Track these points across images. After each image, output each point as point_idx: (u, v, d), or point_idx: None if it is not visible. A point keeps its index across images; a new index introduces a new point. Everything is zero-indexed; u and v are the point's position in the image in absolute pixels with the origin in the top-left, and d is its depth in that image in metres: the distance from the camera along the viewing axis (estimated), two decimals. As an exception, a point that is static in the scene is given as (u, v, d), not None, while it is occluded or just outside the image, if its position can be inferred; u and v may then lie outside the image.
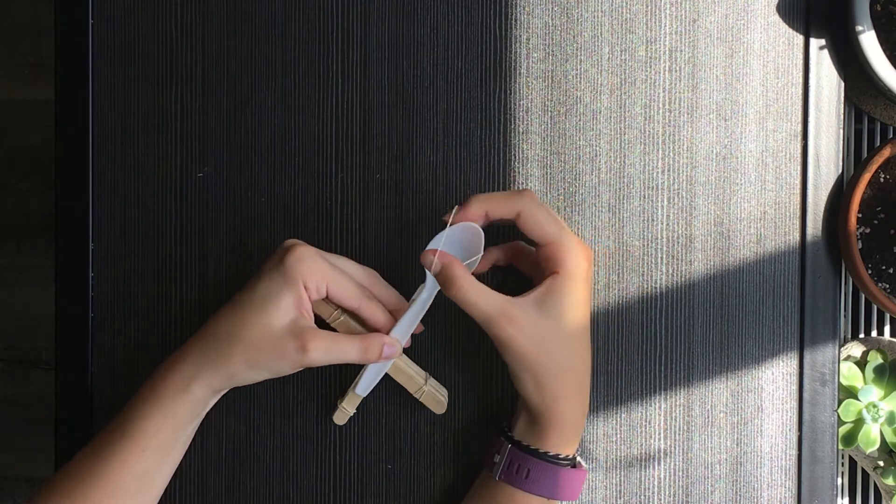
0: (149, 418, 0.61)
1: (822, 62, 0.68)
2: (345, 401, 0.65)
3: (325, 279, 0.61)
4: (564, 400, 0.61)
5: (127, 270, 0.69)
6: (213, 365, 0.61)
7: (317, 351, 0.60)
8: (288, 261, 0.60)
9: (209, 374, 0.61)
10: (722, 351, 0.68)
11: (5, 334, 1.56)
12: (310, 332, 0.60)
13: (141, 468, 0.61)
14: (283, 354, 0.60)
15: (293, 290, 0.60)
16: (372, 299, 0.63)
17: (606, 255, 0.68)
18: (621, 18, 0.68)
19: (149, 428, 0.61)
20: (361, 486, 0.69)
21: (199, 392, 0.61)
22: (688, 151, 0.68)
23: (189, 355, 0.61)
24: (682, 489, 0.68)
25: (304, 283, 0.60)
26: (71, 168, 0.69)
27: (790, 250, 0.68)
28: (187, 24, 0.69)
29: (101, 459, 0.61)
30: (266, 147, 0.69)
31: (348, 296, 0.62)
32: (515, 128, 0.68)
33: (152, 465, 0.62)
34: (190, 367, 0.61)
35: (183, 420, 0.62)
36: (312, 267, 0.60)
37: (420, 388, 0.65)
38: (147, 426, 0.61)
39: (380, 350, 0.62)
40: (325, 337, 0.60)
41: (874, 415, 0.68)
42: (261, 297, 0.60)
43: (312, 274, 0.60)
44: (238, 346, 0.60)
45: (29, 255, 1.56)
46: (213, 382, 0.61)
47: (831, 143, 0.68)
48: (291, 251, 0.61)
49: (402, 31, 0.68)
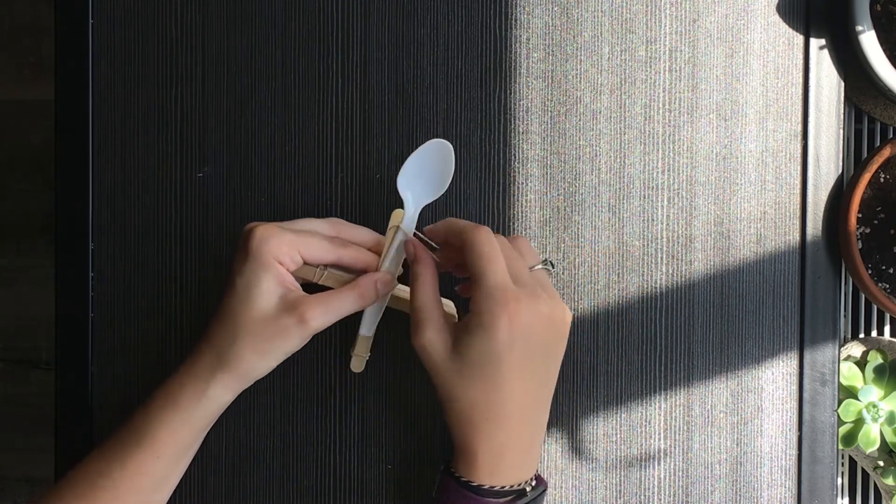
0: (166, 426, 0.61)
1: (822, 62, 0.68)
2: (356, 346, 0.65)
3: (294, 248, 0.61)
4: (473, 434, 0.59)
5: (127, 270, 0.69)
6: (228, 367, 0.61)
7: (315, 318, 0.60)
8: (253, 245, 0.60)
9: (226, 377, 0.61)
10: (722, 351, 0.68)
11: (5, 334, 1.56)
12: (303, 303, 0.60)
13: (156, 473, 0.61)
14: (287, 333, 0.60)
15: (269, 271, 0.60)
16: (348, 246, 0.63)
17: (606, 255, 0.68)
18: (621, 18, 0.68)
19: (165, 436, 0.61)
20: (361, 486, 0.69)
21: (218, 396, 0.62)
22: (688, 151, 0.68)
23: (202, 360, 0.61)
24: (682, 489, 0.68)
25: (278, 259, 0.60)
26: (71, 168, 0.69)
27: (790, 250, 0.68)
28: (187, 24, 0.69)
29: (114, 465, 0.61)
30: (266, 147, 0.69)
31: (323, 253, 0.62)
32: (515, 128, 0.68)
33: (167, 470, 0.62)
34: (205, 371, 0.61)
35: (200, 425, 0.62)
36: (278, 242, 0.60)
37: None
38: (163, 434, 0.61)
39: (374, 290, 0.62)
40: (319, 301, 0.60)
41: (874, 415, 0.68)
42: (244, 290, 0.60)
43: (281, 248, 0.60)
44: (243, 342, 0.60)
45: (29, 255, 1.56)
46: (231, 384, 0.61)
47: (831, 143, 0.68)
48: (252, 235, 0.60)
49: (402, 31, 0.68)
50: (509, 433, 0.59)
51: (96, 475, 0.61)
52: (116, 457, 0.61)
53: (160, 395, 0.62)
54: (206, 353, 0.61)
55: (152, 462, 0.61)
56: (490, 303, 0.57)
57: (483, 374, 0.58)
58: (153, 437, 0.61)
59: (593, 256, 0.68)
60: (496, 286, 0.57)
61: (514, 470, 0.60)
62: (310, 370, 0.68)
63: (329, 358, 0.68)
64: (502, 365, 0.57)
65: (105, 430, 0.69)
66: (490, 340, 0.57)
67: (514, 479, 0.60)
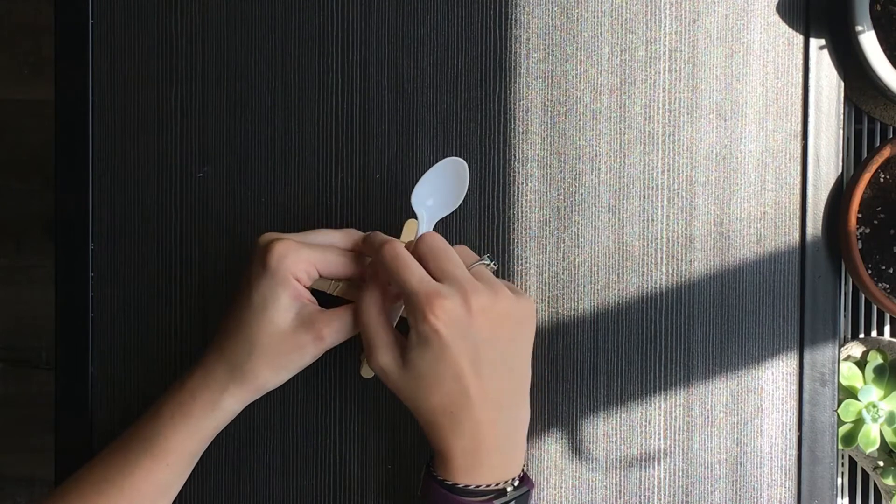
0: (175, 435, 0.61)
1: (822, 62, 0.68)
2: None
3: (311, 265, 0.61)
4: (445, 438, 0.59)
5: (127, 270, 0.69)
6: (242, 380, 0.61)
7: (332, 334, 0.60)
8: (271, 262, 0.60)
9: (238, 390, 0.61)
10: (722, 351, 0.68)
11: (5, 334, 1.56)
12: (320, 319, 0.60)
13: (162, 481, 0.62)
14: (303, 349, 0.60)
15: (287, 288, 0.60)
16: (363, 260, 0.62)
17: (606, 255, 0.68)
18: (621, 18, 0.68)
19: (175, 445, 0.61)
20: (361, 486, 0.69)
21: (230, 407, 0.62)
22: (688, 151, 0.68)
23: (215, 373, 0.61)
24: (682, 489, 0.68)
25: (295, 276, 0.60)
26: (71, 168, 0.69)
27: (790, 250, 0.68)
28: (187, 24, 0.69)
29: (122, 471, 0.61)
30: (266, 147, 0.69)
31: (339, 269, 0.62)
32: (515, 128, 0.68)
33: (174, 478, 0.63)
34: (218, 384, 0.61)
35: (209, 434, 0.63)
36: (296, 258, 0.60)
37: None
38: (173, 444, 0.61)
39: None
40: (335, 317, 0.60)
41: (874, 415, 0.68)
42: (260, 306, 0.60)
43: (299, 265, 0.60)
44: (259, 358, 0.60)
45: (29, 255, 1.55)
46: (244, 396, 0.62)
47: (831, 143, 0.68)
48: (271, 251, 0.60)
49: (402, 31, 0.68)
50: (480, 431, 0.59)
51: (101, 482, 0.61)
52: (126, 464, 0.61)
53: (170, 404, 0.62)
54: (219, 365, 0.61)
55: (161, 469, 0.61)
56: (412, 308, 0.57)
57: (436, 378, 0.57)
58: (163, 447, 0.61)
59: (593, 256, 0.68)
60: (413, 291, 0.57)
61: (493, 469, 0.60)
62: (310, 370, 0.68)
63: (329, 358, 0.68)
64: (448, 364, 0.57)
65: (104, 430, 0.69)
66: (427, 344, 0.57)
67: (493, 479, 0.60)
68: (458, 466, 0.59)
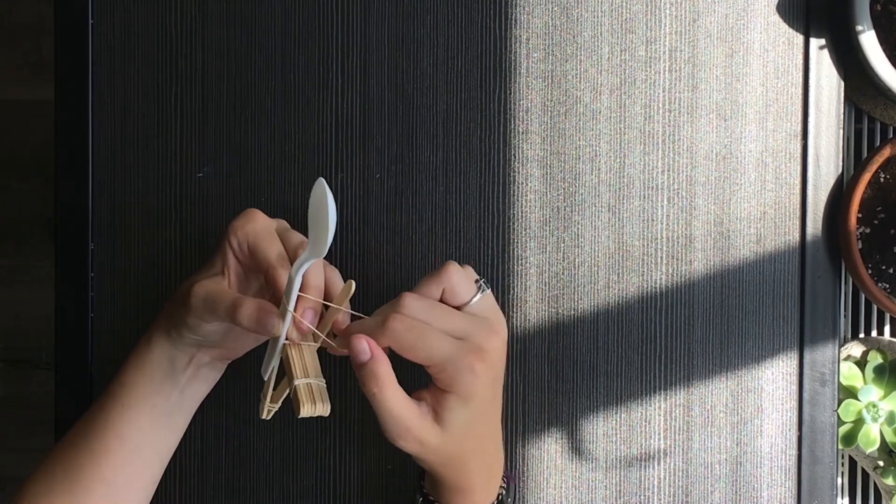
0: (123, 371, 0.62)
1: (822, 62, 0.68)
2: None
3: (251, 235, 0.60)
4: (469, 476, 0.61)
5: (127, 270, 0.70)
6: (169, 314, 0.61)
7: (196, 295, 0.58)
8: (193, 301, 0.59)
9: (166, 322, 0.61)
10: (722, 351, 0.68)
11: (5, 334, 1.56)
12: (210, 278, 0.59)
13: (124, 431, 0.61)
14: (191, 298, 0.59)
15: (221, 248, 0.60)
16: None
17: (606, 255, 0.68)
18: (621, 18, 0.68)
19: (124, 380, 0.62)
20: (361, 486, 0.69)
21: (158, 339, 0.61)
22: (688, 151, 0.68)
23: (161, 313, 0.63)
24: (682, 489, 0.68)
25: (234, 237, 0.60)
26: (71, 168, 0.69)
27: (790, 250, 0.68)
28: (187, 24, 0.69)
29: (87, 419, 0.62)
30: (266, 147, 0.69)
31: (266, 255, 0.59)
32: (515, 128, 0.68)
33: (134, 428, 0.61)
34: (157, 321, 0.62)
35: (152, 374, 0.61)
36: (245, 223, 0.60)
37: (295, 380, 0.57)
38: (123, 378, 0.62)
39: (253, 315, 0.55)
40: (211, 282, 0.59)
41: (874, 415, 0.68)
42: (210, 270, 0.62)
43: (242, 228, 0.60)
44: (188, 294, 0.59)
45: (29, 255, 1.56)
46: (170, 330, 0.61)
47: (831, 143, 0.68)
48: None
49: (402, 31, 0.68)
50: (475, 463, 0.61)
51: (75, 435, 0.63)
52: (90, 412, 0.63)
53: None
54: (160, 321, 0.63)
55: (118, 411, 0.62)
56: (455, 369, 0.56)
57: (472, 426, 0.58)
58: (114, 382, 0.62)
59: (593, 256, 0.68)
60: (446, 359, 0.56)
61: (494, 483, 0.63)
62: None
63: (329, 358, 0.68)
64: (482, 409, 0.59)
65: (105, 430, 0.69)
66: (471, 399, 0.57)
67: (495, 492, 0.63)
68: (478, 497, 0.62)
